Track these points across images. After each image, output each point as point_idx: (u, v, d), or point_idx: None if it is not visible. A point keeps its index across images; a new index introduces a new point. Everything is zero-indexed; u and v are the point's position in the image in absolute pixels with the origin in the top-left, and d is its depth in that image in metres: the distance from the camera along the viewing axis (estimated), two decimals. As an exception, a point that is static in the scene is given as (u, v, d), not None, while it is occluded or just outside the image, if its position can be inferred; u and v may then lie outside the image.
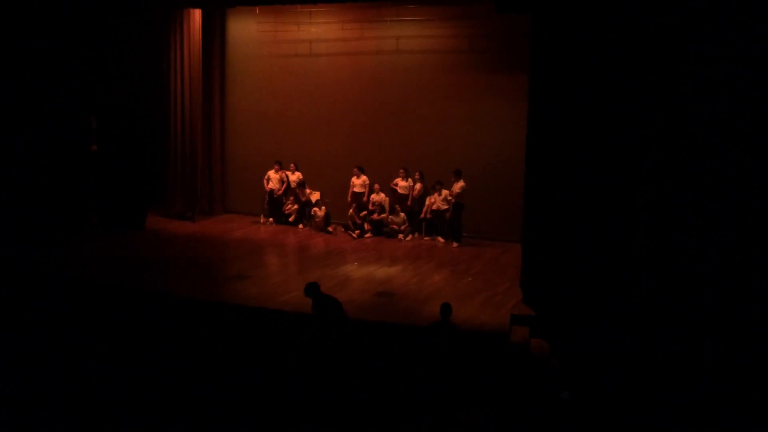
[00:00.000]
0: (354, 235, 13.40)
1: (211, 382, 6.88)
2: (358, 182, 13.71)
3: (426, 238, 13.34)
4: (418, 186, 13.38)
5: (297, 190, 14.19)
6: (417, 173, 13.38)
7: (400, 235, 13.30)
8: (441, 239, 13.16)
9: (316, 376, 7.13)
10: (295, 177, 14.25)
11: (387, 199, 13.62)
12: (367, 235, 13.45)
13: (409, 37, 13.61)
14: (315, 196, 14.10)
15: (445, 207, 12.95)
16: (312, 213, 14.02)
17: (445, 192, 12.89)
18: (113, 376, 6.94)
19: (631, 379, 7.08)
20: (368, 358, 7.87)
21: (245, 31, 14.91)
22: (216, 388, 6.74)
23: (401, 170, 13.44)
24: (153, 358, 7.46)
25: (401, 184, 13.49)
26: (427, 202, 13.23)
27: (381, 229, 13.47)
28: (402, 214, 13.41)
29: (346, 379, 7.14)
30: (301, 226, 14.10)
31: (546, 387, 6.66)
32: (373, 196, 13.59)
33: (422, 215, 13.32)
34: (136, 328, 8.42)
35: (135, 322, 8.66)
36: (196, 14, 14.04)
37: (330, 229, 13.73)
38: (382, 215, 13.49)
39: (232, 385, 6.82)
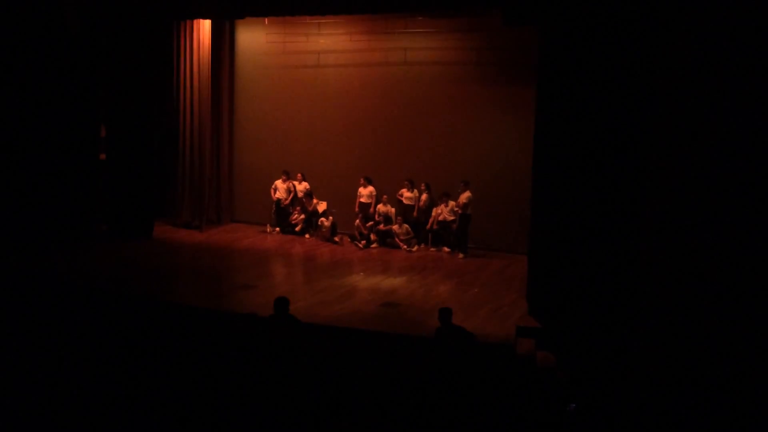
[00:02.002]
0: (360, 246, 13.42)
1: (218, 391, 6.88)
2: (365, 192, 13.74)
3: (432, 249, 13.35)
4: (424, 197, 13.40)
5: (304, 200, 14.23)
6: (423, 184, 13.41)
7: (404, 246, 13.30)
8: (447, 250, 13.16)
9: (321, 385, 7.13)
10: (302, 187, 14.29)
11: (393, 210, 13.64)
12: (374, 245, 13.47)
13: (416, 48, 13.67)
14: (322, 206, 14.14)
15: (452, 218, 12.95)
16: (319, 223, 14.05)
17: (451, 203, 12.90)
18: (120, 384, 6.95)
19: (638, 391, 7.06)
20: (373, 369, 7.86)
21: (254, 41, 15.01)
22: (222, 397, 6.74)
23: (406, 181, 13.47)
24: (159, 367, 7.47)
25: (406, 195, 13.51)
26: (433, 213, 13.24)
27: (386, 239, 13.50)
28: (405, 226, 13.42)
29: (350, 388, 7.14)
30: (307, 235, 14.13)
31: (552, 400, 6.64)
32: (380, 207, 13.61)
33: (428, 226, 13.33)
34: (143, 337, 8.44)
35: (142, 330, 8.68)
36: (206, 25, 14.16)
37: (336, 239, 13.75)
38: (389, 226, 13.50)
39: (238, 394, 6.82)
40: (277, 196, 14.32)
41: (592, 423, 6.27)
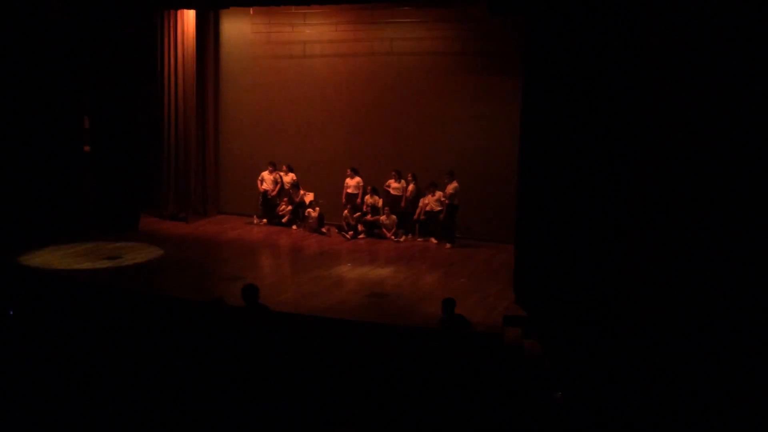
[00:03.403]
0: (347, 237, 13.42)
1: (206, 384, 6.88)
2: (352, 183, 13.74)
3: (419, 240, 13.38)
4: (411, 187, 13.42)
5: (291, 191, 14.21)
6: (410, 174, 13.42)
7: (391, 237, 13.32)
8: (434, 240, 13.20)
9: (311, 377, 7.14)
10: (288, 178, 14.26)
11: (381, 200, 13.65)
12: (361, 236, 13.48)
13: (402, 38, 13.66)
14: (309, 197, 14.13)
15: (439, 208, 12.98)
16: (306, 214, 14.04)
17: (438, 193, 12.93)
18: (108, 378, 6.93)
19: (623, 379, 7.13)
20: (361, 359, 7.89)
21: (239, 32, 14.92)
22: (211, 390, 6.75)
23: (393, 172, 13.48)
24: (147, 360, 7.46)
25: (394, 185, 13.53)
26: (420, 204, 13.26)
27: (373, 230, 13.52)
28: (393, 216, 13.43)
29: (338, 379, 7.16)
30: (294, 227, 14.12)
31: (539, 388, 6.69)
32: (367, 198, 13.62)
33: (416, 217, 13.35)
34: (130, 330, 8.41)
35: (129, 323, 8.65)
36: (190, 15, 14.04)
37: (323, 230, 13.75)
38: (376, 217, 13.52)
39: (227, 387, 6.82)
40: (263, 187, 14.28)
41: (579, 411, 6.34)
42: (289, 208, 14.21)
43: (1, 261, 10.82)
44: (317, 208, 13.89)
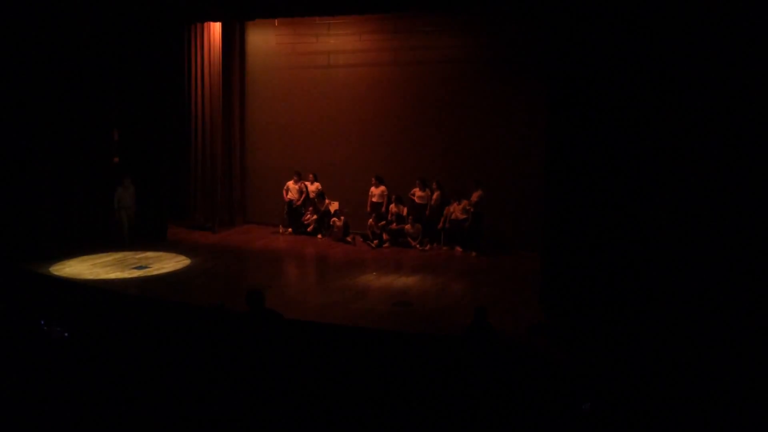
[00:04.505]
0: (373, 245, 13.43)
1: (231, 391, 6.92)
2: (377, 192, 13.76)
3: (444, 248, 13.33)
4: (436, 195, 13.38)
5: (316, 201, 14.27)
6: (434, 183, 13.40)
7: (416, 245, 13.29)
8: (459, 249, 13.14)
9: (334, 385, 7.14)
10: (314, 187, 14.33)
11: (406, 209, 13.64)
12: (386, 245, 13.48)
13: (426, 47, 13.67)
14: (334, 207, 14.17)
15: (464, 216, 12.93)
16: (331, 223, 14.08)
17: (464, 201, 12.88)
18: (133, 385, 7.00)
19: (652, 390, 7.02)
20: (387, 368, 7.87)
21: (264, 43, 15.07)
22: (235, 397, 6.78)
23: (418, 181, 13.47)
24: (174, 368, 7.51)
25: (418, 194, 13.51)
26: (445, 212, 13.22)
27: (398, 239, 13.50)
28: (418, 225, 13.41)
29: (361, 388, 7.14)
30: (320, 236, 14.16)
31: (566, 398, 6.61)
32: (392, 207, 13.62)
33: (440, 225, 13.31)
34: (158, 338, 8.49)
35: (156, 332, 8.74)
36: (216, 27, 14.23)
37: (349, 239, 13.77)
38: (401, 225, 13.51)
39: (251, 394, 6.85)
40: (289, 196, 14.36)
41: (607, 422, 6.25)
42: (315, 217, 14.26)
43: (32, 271, 11.01)
44: (342, 217, 13.92)
